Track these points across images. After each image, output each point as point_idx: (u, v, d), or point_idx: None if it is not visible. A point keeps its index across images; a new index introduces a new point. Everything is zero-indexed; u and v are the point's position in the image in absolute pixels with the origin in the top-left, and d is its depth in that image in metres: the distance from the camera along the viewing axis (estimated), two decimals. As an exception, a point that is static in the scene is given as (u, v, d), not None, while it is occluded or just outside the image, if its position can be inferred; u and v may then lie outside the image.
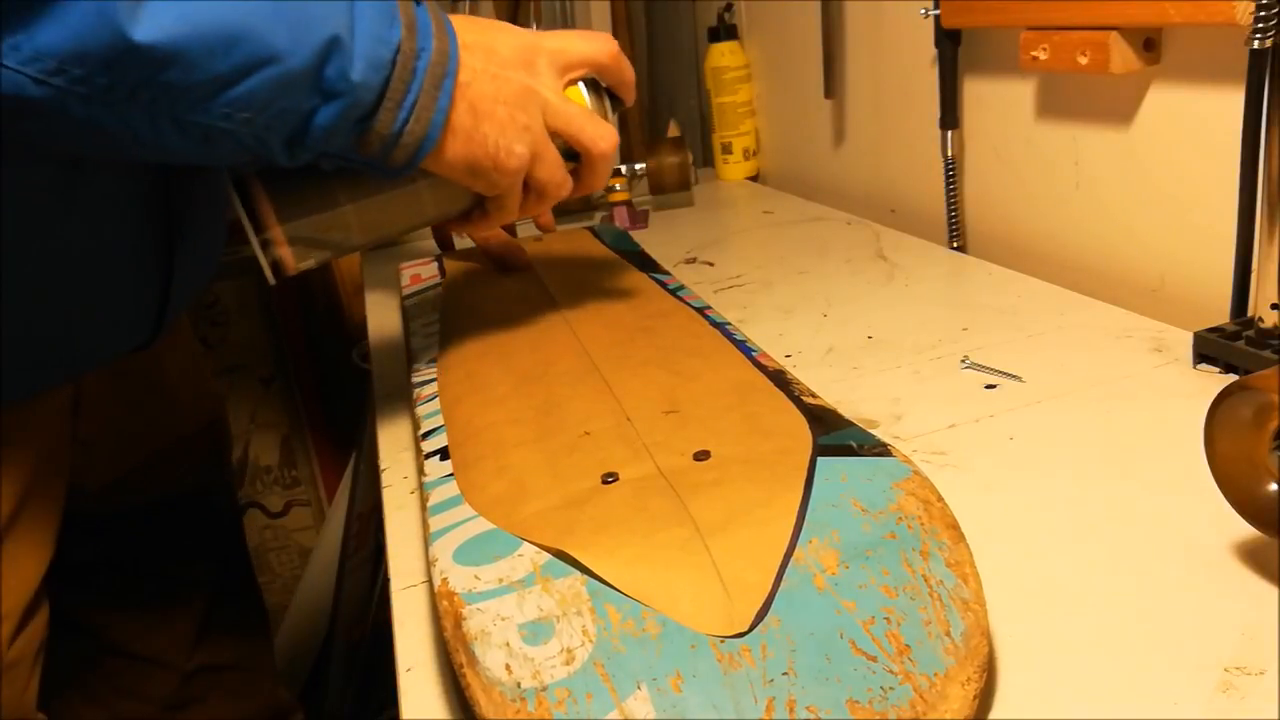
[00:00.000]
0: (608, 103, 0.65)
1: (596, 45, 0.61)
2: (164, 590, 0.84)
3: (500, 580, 0.43)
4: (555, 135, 0.59)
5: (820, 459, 0.48)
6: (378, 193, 0.58)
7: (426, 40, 0.51)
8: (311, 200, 0.57)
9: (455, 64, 0.52)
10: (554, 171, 0.59)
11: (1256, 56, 0.62)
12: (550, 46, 0.58)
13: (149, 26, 0.41)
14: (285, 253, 0.57)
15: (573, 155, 0.62)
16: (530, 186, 0.60)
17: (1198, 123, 0.73)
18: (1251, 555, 0.44)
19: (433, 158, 0.54)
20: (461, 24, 0.55)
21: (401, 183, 0.58)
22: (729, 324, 0.70)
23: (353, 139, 0.51)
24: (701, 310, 0.74)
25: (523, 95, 0.56)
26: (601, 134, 0.60)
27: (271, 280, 0.57)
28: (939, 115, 0.97)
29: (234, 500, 0.94)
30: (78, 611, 0.81)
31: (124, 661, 0.83)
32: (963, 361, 0.69)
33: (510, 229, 1.06)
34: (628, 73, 0.64)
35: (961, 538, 0.42)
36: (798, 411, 0.54)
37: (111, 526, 0.80)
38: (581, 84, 0.62)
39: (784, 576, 0.40)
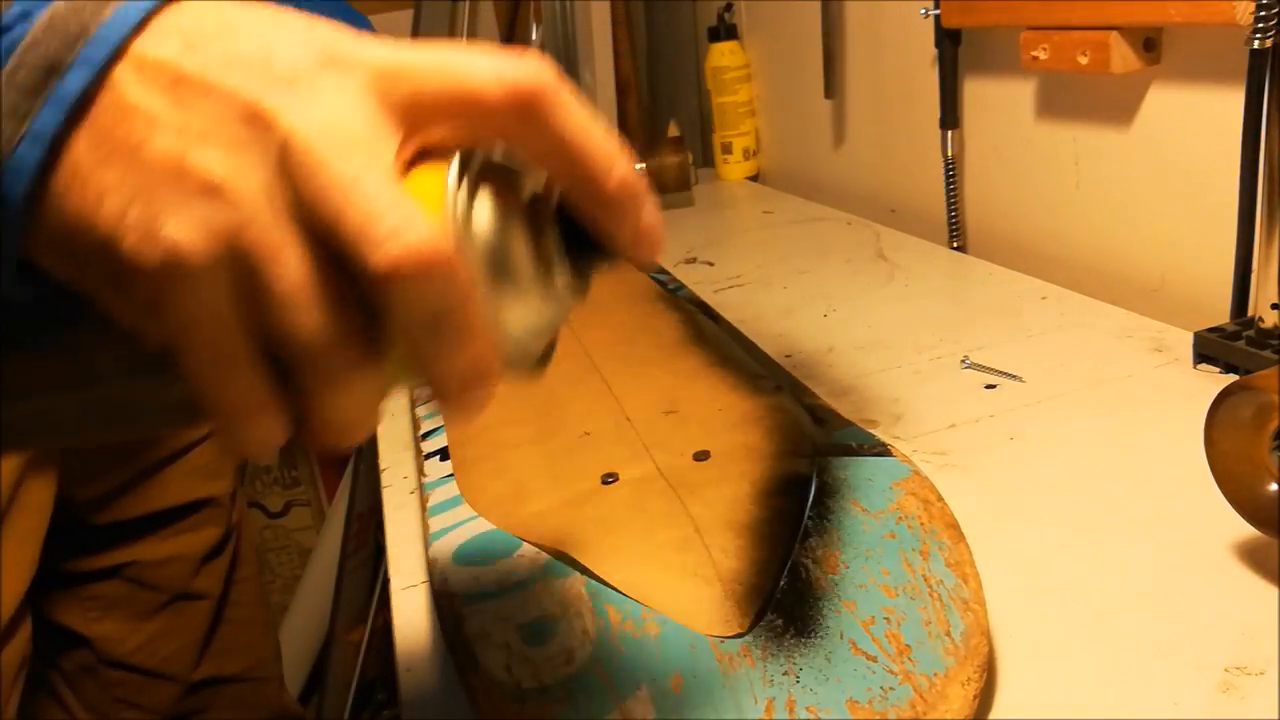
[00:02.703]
0: (514, 225, 0.28)
1: (496, 75, 0.27)
2: (166, 602, 0.84)
3: (500, 581, 0.43)
4: (318, 225, 0.25)
5: (820, 459, 0.48)
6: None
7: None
8: None
9: (102, 49, 0.25)
10: (292, 299, 0.25)
11: (1256, 56, 0.62)
12: (381, 61, 0.27)
13: None
14: None
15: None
16: (253, 333, 0.26)
17: (1198, 123, 0.72)
18: (1251, 555, 0.44)
19: (13, 224, 0.25)
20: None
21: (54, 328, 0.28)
22: (729, 324, 0.70)
23: None
24: (701, 310, 0.74)
25: (237, 123, 0.25)
26: (411, 239, 0.24)
27: None
28: (939, 115, 0.97)
29: (237, 510, 0.93)
30: (77, 623, 0.80)
31: (125, 673, 0.83)
32: (963, 361, 0.69)
33: None
34: (583, 142, 0.27)
35: (961, 537, 0.42)
36: (798, 411, 0.54)
37: (111, 537, 0.80)
38: (454, 165, 0.27)
39: (784, 577, 0.40)
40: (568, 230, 0.29)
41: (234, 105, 0.25)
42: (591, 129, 0.27)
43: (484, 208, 0.27)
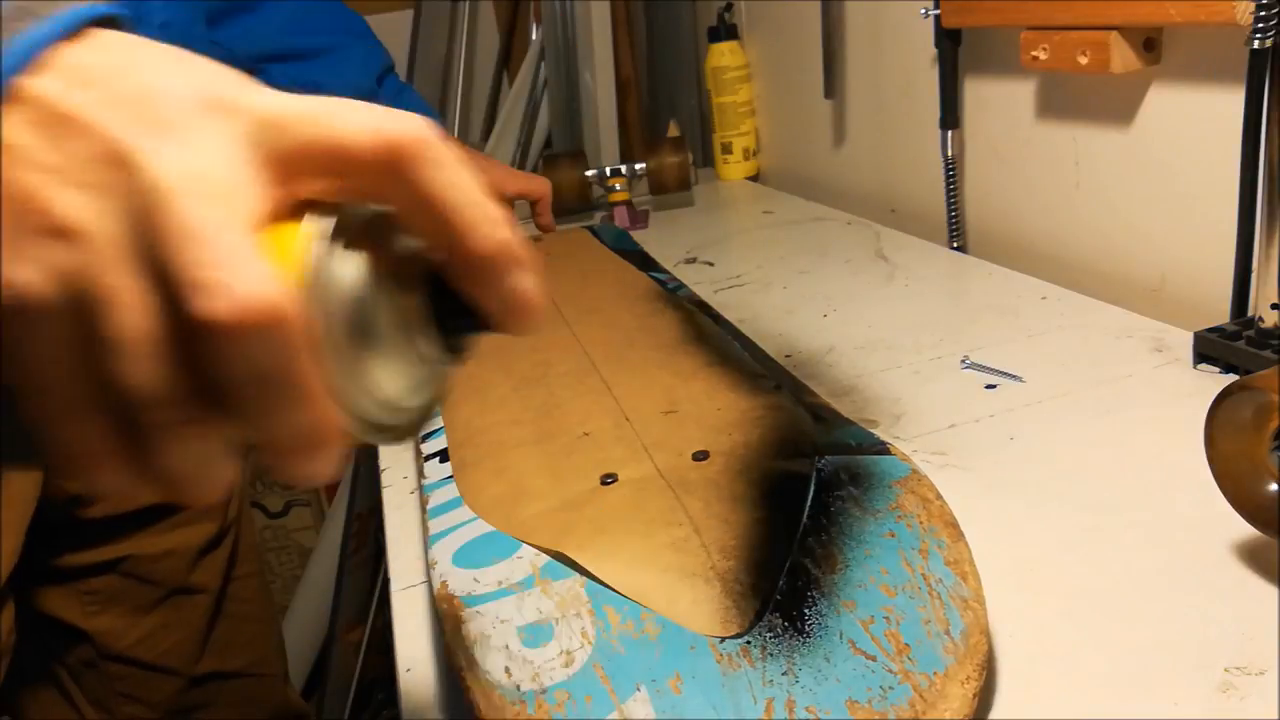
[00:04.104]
0: (380, 286, 0.27)
1: (370, 128, 0.26)
2: (163, 596, 0.84)
3: (500, 583, 0.43)
4: (164, 273, 0.24)
5: (819, 458, 0.48)
6: None
7: None
8: None
9: None
10: (130, 348, 0.24)
11: (1256, 56, 0.62)
12: (264, 109, 0.26)
13: None
14: None
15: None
16: (94, 381, 0.25)
17: (1198, 123, 0.72)
18: (1251, 555, 0.44)
19: None
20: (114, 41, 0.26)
21: None
22: (729, 323, 0.70)
23: None
24: (701, 310, 0.74)
25: (103, 165, 0.24)
26: (241, 291, 0.23)
27: None
28: (939, 115, 0.97)
29: (235, 505, 0.93)
30: (76, 617, 0.80)
31: (126, 667, 0.83)
32: (963, 361, 0.69)
33: None
34: (454, 201, 0.26)
35: (960, 536, 0.42)
36: (797, 411, 0.54)
37: (106, 531, 0.80)
38: (316, 221, 0.26)
39: (783, 576, 0.40)
40: (441, 296, 0.27)
41: (103, 146, 0.24)
42: (465, 189, 0.26)
43: (348, 265, 0.26)
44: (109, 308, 0.24)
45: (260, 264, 0.24)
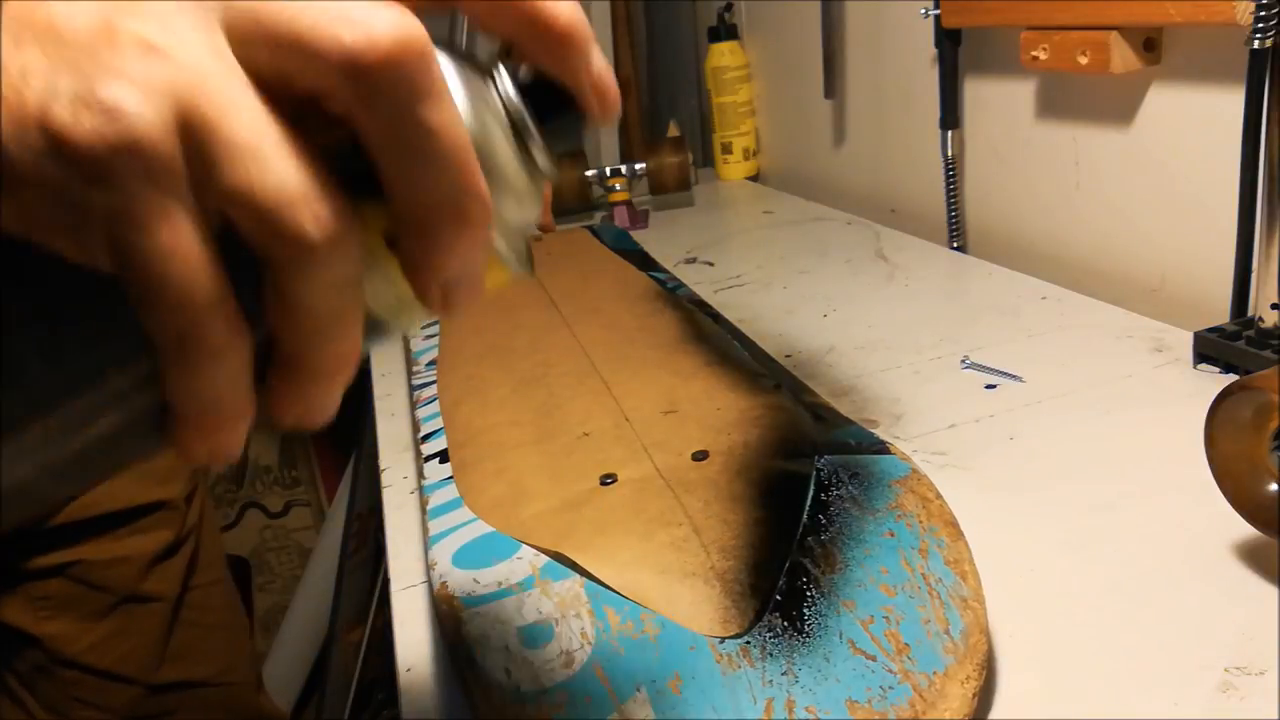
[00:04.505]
0: (502, 92, 0.26)
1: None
2: (115, 604, 0.82)
3: (499, 583, 0.43)
4: (276, 62, 0.22)
5: (820, 458, 0.48)
6: None
7: None
8: None
9: None
10: (253, 150, 0.21)
11: (1256, 56, 0.62)
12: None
13: None
14: None
15: (358, 167, 0.23)
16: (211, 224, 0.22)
17: (1198, 123, 0.72)
18: (1251, 555, 0.44)
19: None
20: None
21: None
22: (729, 323, 0.70)
23: None
24: (701, 310, 0.74)
25: None
26: (397, 30, 0.22)
27: None
28: (939, 115, 0.97)
29: (194, 513, 0.88)
30: (27, 622, 0.79)
31: (79, 673, 0.82)
32: (963, 361, 0.69)
33: None
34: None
35: (960, 535, 0.42)
36: (797, 410, 0.54)
37: (58, 537, 0.79)
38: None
39: (782, 576, 0.40)
40: (535, 89, 0.26)
41: None
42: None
43: (467, 78, 0.25)
44: (221, 115, 0.21)
45: (385, 5, 0.22)
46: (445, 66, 0.24)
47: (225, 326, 0.22)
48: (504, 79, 0.26)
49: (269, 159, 0.21)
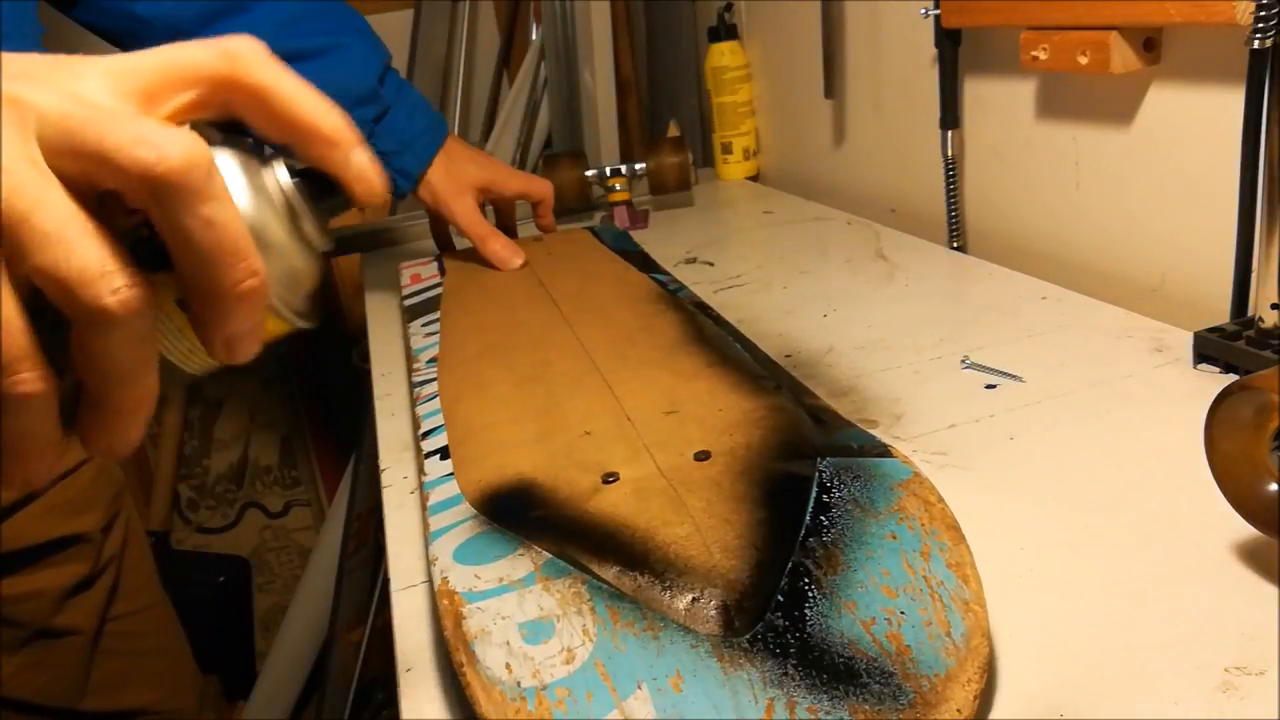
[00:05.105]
0: (277, 183, 0.32)
1: (216, 51, 0.31)
2: (27, 638, 0.80)
3: (500, 579, 0.43)
4: (83, 163, 0.27)
5: (821, 460, 0.48)
6: None
7: None
8: None
9: None
10: (59, 235, 0.26)
11: (1256, 56, 0.62)
12: (109, 64, 0.30)
13: None
14: None
15: (154, 245, 0.29)
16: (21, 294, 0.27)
17: (1198, 123, 0.73)
18: (1251, 555, 0.44)
19: None
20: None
21: None
22: (729, 324, 0.71)
23: None
24: (701, 310, 0.74)
25: None
26: (184, 151, 0.27)
27: None
28: (939, 115, 0.97)
29: (114, 542, 0.86)
30: None
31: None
32: (963, 361, 0.69)
33: (510, 230, 1.05)
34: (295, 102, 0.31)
35: (962, 538, 0.42)
36: (798, 412, 0.54)
37: None
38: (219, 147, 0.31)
39: (784, 577, 0.40)
40: (309, 179, 0.33)
41: None
42: (296, 89, 0.31)
43: (240, 169, 0.31)
44: (29, 207, 0.26)
45: (176, 130, 0.28)
46: (230, 164, 0.31)
47: (34, 375, 0.27)
48: (280, 171, 0.32)
49: (73, 244, 0.26)
